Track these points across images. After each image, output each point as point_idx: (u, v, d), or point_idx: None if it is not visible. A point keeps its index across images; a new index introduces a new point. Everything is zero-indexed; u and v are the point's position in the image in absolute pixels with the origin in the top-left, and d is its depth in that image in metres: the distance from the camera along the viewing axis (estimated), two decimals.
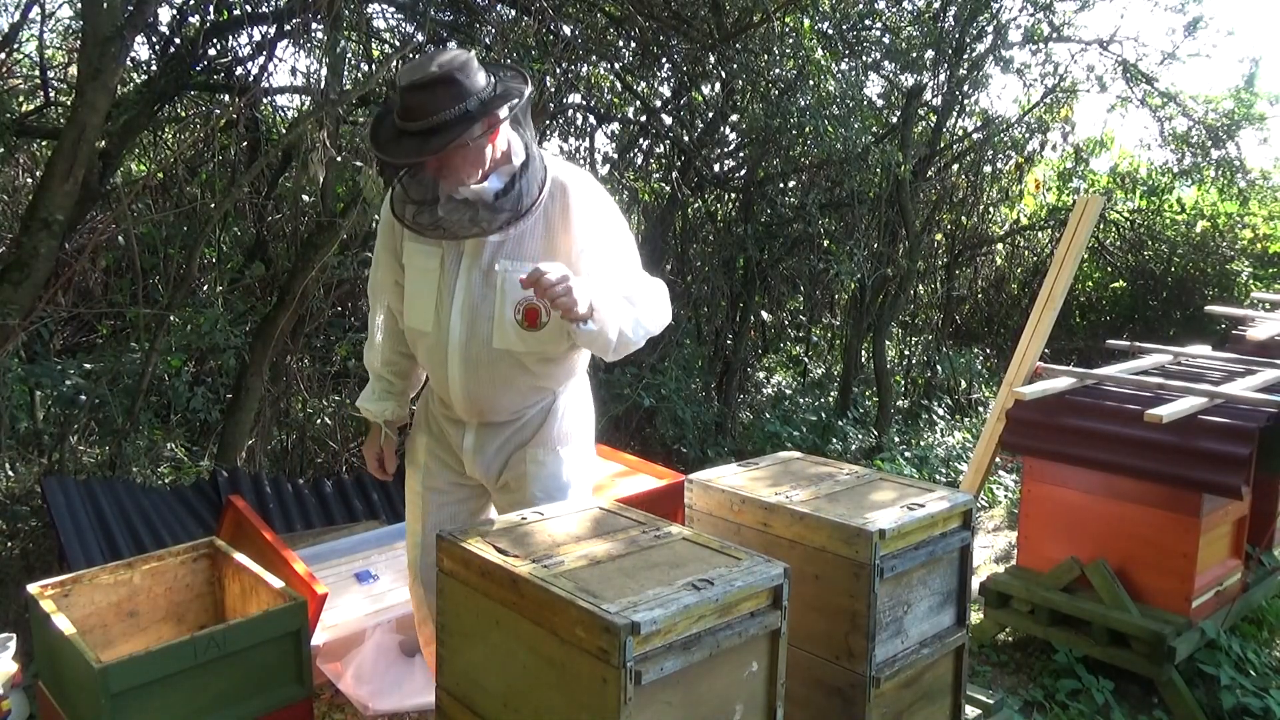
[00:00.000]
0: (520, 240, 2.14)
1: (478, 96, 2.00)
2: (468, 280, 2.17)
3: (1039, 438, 3.43)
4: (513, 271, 2.12)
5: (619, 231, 2.26)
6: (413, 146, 2.00)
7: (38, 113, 5.29)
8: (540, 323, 2.13)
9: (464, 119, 1.98)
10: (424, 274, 2.22)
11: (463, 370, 2.20)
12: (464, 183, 2.08)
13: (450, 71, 1.98)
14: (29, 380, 4.47)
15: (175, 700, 2.12)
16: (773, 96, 5.97)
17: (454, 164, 2.05)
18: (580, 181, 2.21)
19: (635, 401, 5.88)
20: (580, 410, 2.42)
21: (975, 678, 3.39)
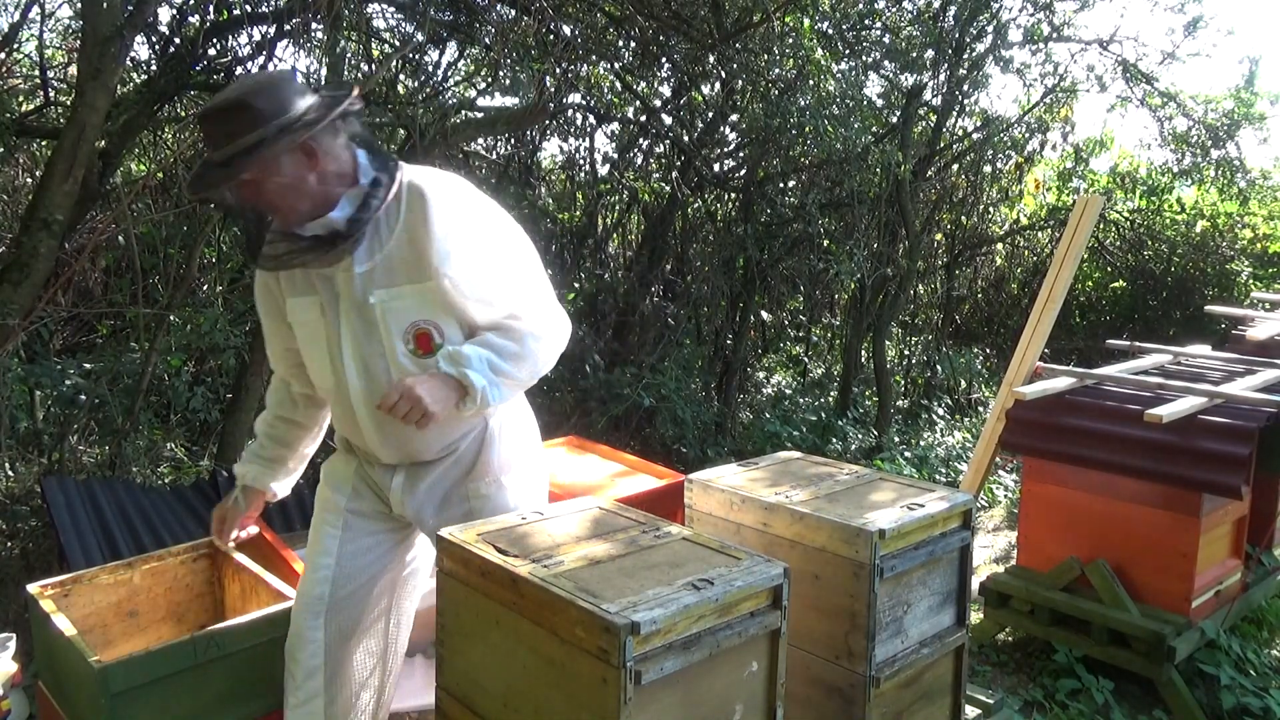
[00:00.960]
0: (389, 265, 1.97)
1: (277, 122, 1.82)
2: (349, 322, 2.01)
3: (1039, 437, 3.44)
4: (389, 300, 1.97)
5: (496, 241, 2.03)
6: (213, 177, 1.86)
7: (38, 113, 5.29)
8: (435, 345, 1.99)
9: (259, 145, 1.81)
10: (309, 328, 2.07)
11: (373, 418, 2.05)
12: (297, 215, 1.92)
13: (243, 97, 1.82)
14: (29, 380, 4.46)
15: (175, 700, 2.12)
16: (773, 96, 5.97)
17: (271, 196, 1.89)
18: (440, 187, 1.98)
19: (635, 401, 5.88)
20: (519, 431, 2.26)
21: (975, 678, 3.39)
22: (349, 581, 2.18)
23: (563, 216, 7.37)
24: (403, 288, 1.96)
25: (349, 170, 1.95)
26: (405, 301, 1.97)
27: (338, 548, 2.18)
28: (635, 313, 6.71)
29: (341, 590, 2.17)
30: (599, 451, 3.73)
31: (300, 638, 2.17)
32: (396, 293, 1.97)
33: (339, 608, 2.17)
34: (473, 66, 6.18)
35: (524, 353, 2.03)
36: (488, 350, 1.99)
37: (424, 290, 1.96)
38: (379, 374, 2.02)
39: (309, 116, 1.86)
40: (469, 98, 6.17)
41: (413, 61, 5.47)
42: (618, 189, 7.33)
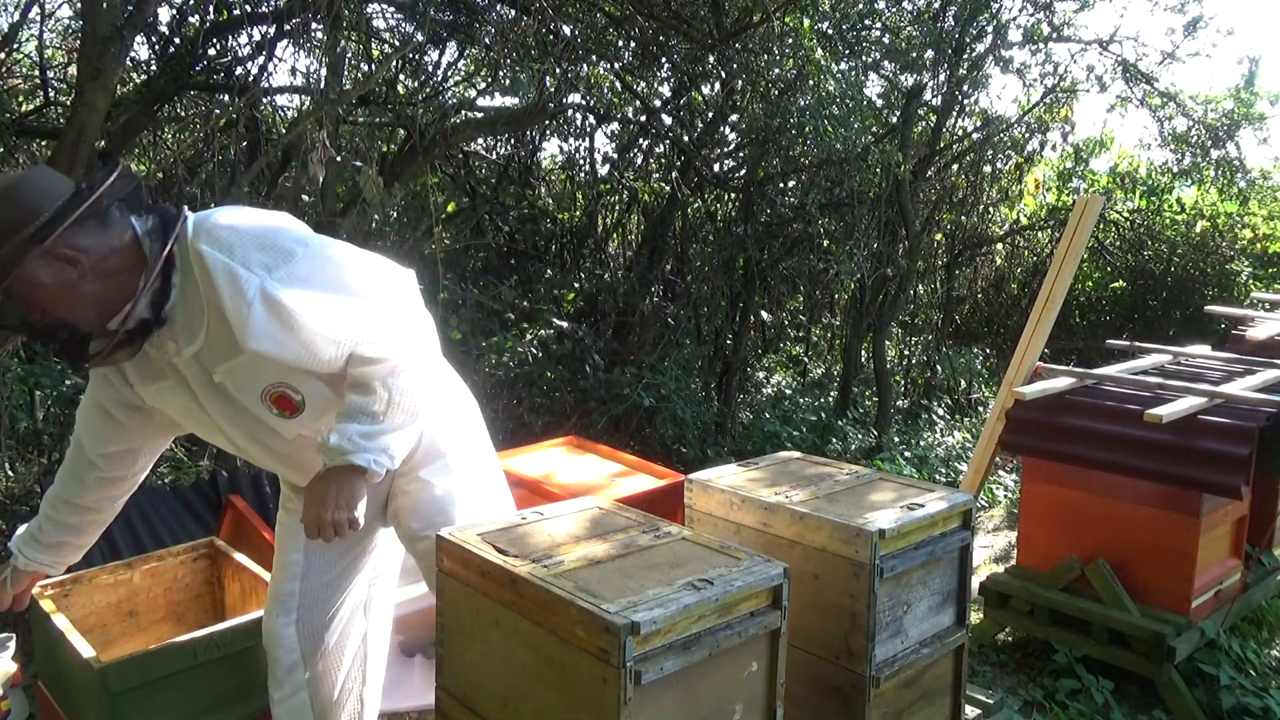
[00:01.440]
0: (212, 340, 1.80)
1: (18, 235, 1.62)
2: (210, 401, 1.91)
3: (1039, 437, 3.44)
4: (229, 374, 1.83)
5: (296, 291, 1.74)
6: None
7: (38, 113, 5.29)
8: (298, 404, 1.90)
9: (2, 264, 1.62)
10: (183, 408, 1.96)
11: (285, 466, 2.02)
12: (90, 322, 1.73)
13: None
14: (29, 380, 4.46)
15: (175, 700, 2.12)
16: (773, 96, 5.97)
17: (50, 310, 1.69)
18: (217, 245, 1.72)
19: (635, 401, 5.88)
20: (442, 422, 2.17)
21: (975, 677, 3.39)
22: (318, 576, 2.18)
23: (563, 216, 7.38)
24: (235, 360, 1.81)
25: (133, 253, 1.74)
26: (243, 373, 1.84)
27: (304, 543, 2.15)
28: (635, 313, 6.72)
29: (311, 585, 2.17)
30: (599, 451, 3.73)
31: (275, 635, 2.16)
32: (229, 367, 1.83)
33: (309, 603, 2.16)
34: (473, 66, 6.19)
35: (392, 398, 1.87)
36: (354, 423, 1.85)
37: (251, 361, 1.80)
38: (268, 440, 1.98)
39: (56, 220, 1.65)
40: (469, 98, 6.18)
41: (413, 61, 5.47)
42: (618, 189, 7.33)
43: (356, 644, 2.27)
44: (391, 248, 5.69)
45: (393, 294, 1.90)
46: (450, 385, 2.26)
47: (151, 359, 1.89)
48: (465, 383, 2.38)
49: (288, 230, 1.83)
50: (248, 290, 1.70)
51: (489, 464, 2.34)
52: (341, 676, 2.24)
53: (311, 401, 1.91)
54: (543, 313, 6.12)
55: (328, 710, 2.22)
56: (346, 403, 1.88)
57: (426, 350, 1.95)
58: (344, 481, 1.87)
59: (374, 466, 1.86)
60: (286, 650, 2.16)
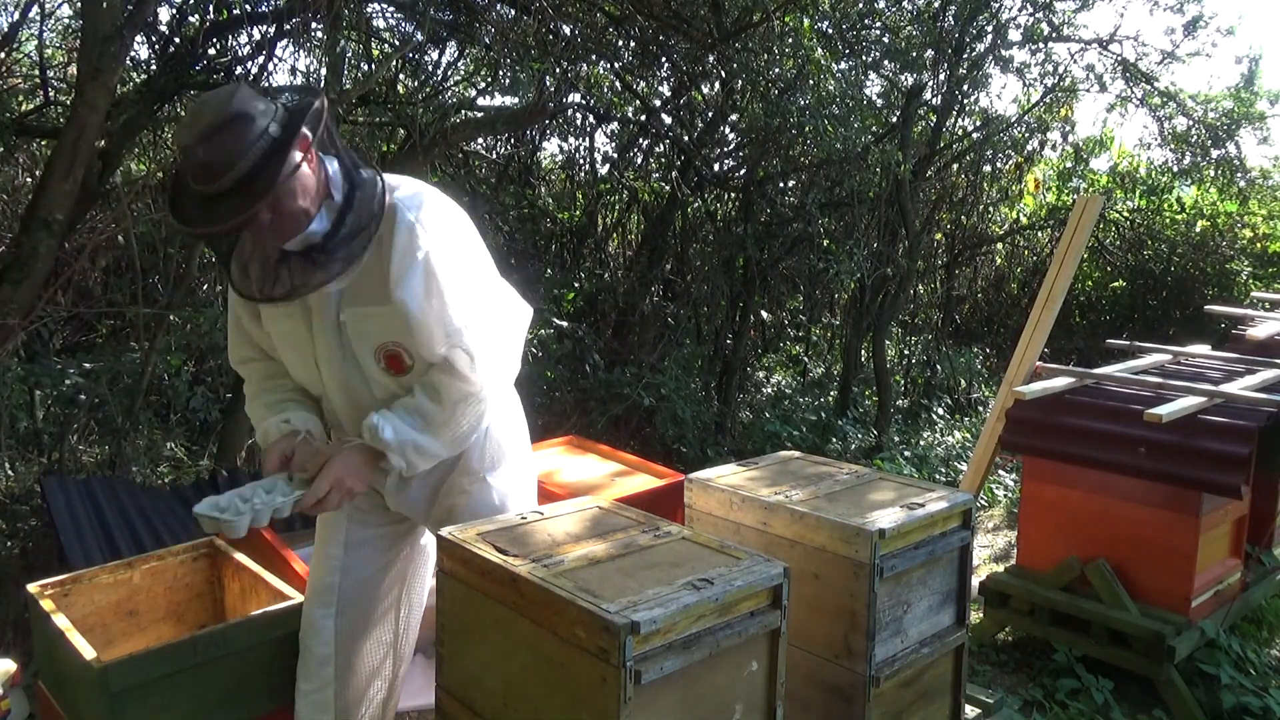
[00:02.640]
0: (358, 283, 1.90)
1: (275, 122, 1.74)
2: (323, 339, 1.97)
3: (1039, 437, 3.44)
4: (356, 320, 1.93)
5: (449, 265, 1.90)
6: (234, 205, 1.71)
7: (37, 112, 5.29)
8: (407, 367, 1.95)
9: (276, 150, 1.71)
10: (291, 338, 2.02)
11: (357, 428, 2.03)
12: (293, 233, 1.81)
13: (233, 110, 1.70)
14: (29, 380, 4.47)
15: (175, 700, 2.12)
16: (772, 96, 5.97)
17: (283, 215, 1.77)
18: (414, 209, 1.88)
19: (635, 401, 5.88)
20: (506, 428, 2.24)
21: (975, 677, 3.39)
22: (359, 570, 2.20)
23: (563, 216, 7.37)
24: (368, 308, 1.91)
25: (324, 177, 1.87)
26: (370, 323, 1.92)
27: (345, 537, 2.19)
28: (635, 312, 6.72)
29: (352, 579, 2.19)
30: (599, 451, 3.73)
31: (312, 627, 2.19)
32: (362, 313, 1.92)
33: (350, 597, 2.19)
34: (473, 66, 6.18)
35: (453, 423, 1.96)
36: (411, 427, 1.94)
37: (386, 314, 1.89)
38: (358, 389, 2.01)
39: (301, 110, 1.77)
40: (469, 97, 6.18)
41: (413, 61, 5.47)
42: (617, 189, 7.33)
43: (385, 645, 2.30)
44: None
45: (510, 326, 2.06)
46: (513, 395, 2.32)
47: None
48: None
49: (464, 221, 2.00)
50: (419, 246, 1.85)
51: (534, 474, 2.41)
52: (370, 674, 2.27)
53: (418, 371, 1.96)
54: (542, 312, 6.12)
55: (350, 710, 2.24)
56: (414, 400, 1.96)
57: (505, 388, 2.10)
58: (370, 464, 1.97)
59: (403, 471, 1.98)
60: (322, 643, 2.19)
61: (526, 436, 2.37)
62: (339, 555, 2.19)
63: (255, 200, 1.70)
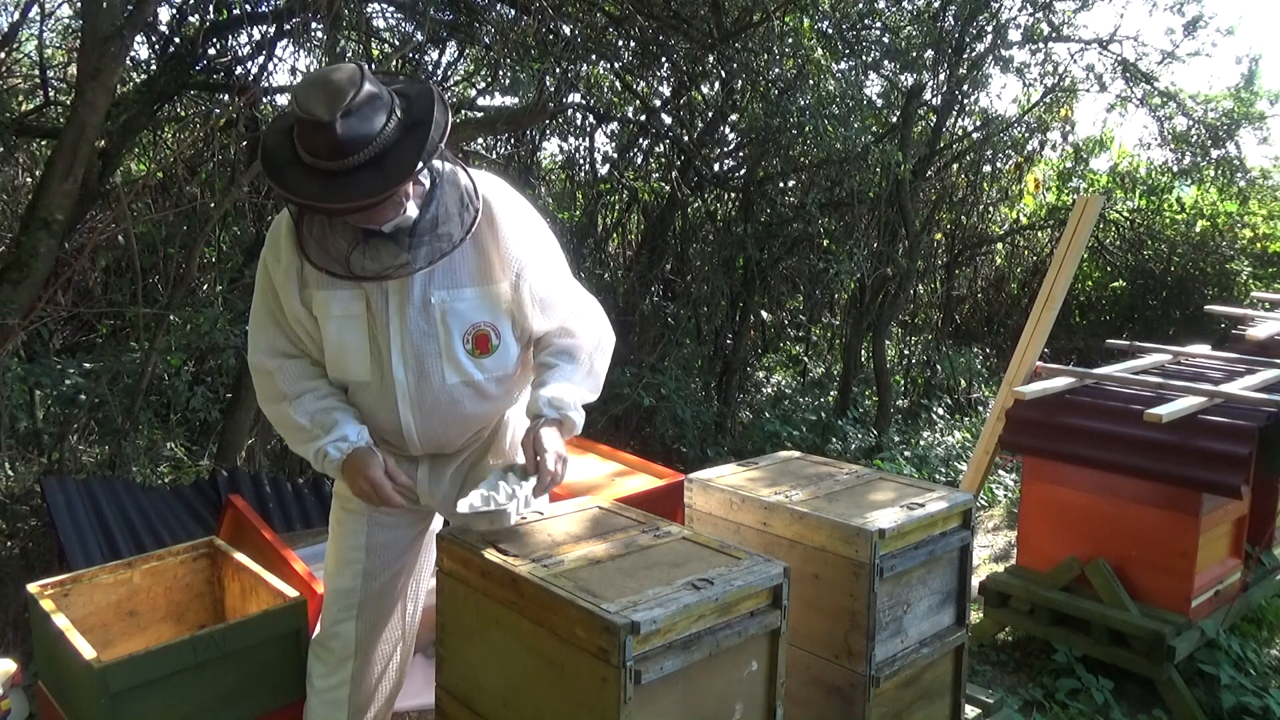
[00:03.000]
0: (451, 265, 1.96)
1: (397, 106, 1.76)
2: (403, 320, 1.97)
3: (1038, 437, 3.44)
4: (451, 300, 1.97)
5: (549, 245, 2.11)
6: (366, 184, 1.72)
7: (37, 112, 5.29)
8: (492, 346, 2.05)
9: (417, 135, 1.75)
10: (349, 322, 1.99)
11: (417, 414, 2.05)
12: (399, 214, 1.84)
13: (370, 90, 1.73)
14: (29, 380, 4.47)
15: (175, 700, 2.12)
16: (773, 96, 5.97)
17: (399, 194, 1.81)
18: (503, 194, 2.03)
19: (635, 401, 5.88)
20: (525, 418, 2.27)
21: (975, 677, 3.39)
22: (379, 575, 2.21)
23: (563, 216, 7.37)
24: (465, 289, 1.98)
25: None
26: (467, 303, 1.99)
27: (367, 542, 2.19)
28: (635, 312, 6.72)
29: (372, 584, 2.20)
30: (599, 451, 3.73)
31: (332, 631, 2.20)
32: (459, 294, 1.98)
33: (370, 602, 2.20)
34: (473, 66, 6.19)
35: (594, 370, 2.18)
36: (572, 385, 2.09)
37: (488, 293, 2.00)
38: (431, 371, 2.02)
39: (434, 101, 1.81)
40: (469, 97, 6.18)
41: (413, 61, 5.47)
42: (617, 189, 7.33)
43: (396, 642, 2.32)
44: None
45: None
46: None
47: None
48: None
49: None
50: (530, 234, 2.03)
51: None
52: (380, 675, 2.29)
53: (501, 353, 2.06)
54: None
55: (362, 709, 2.26)
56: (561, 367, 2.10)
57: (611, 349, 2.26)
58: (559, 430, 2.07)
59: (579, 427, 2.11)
60: (343, 644, 2.20)
61: None
62: (360, 559, 2.19)
63: (394, 183, 1.74)
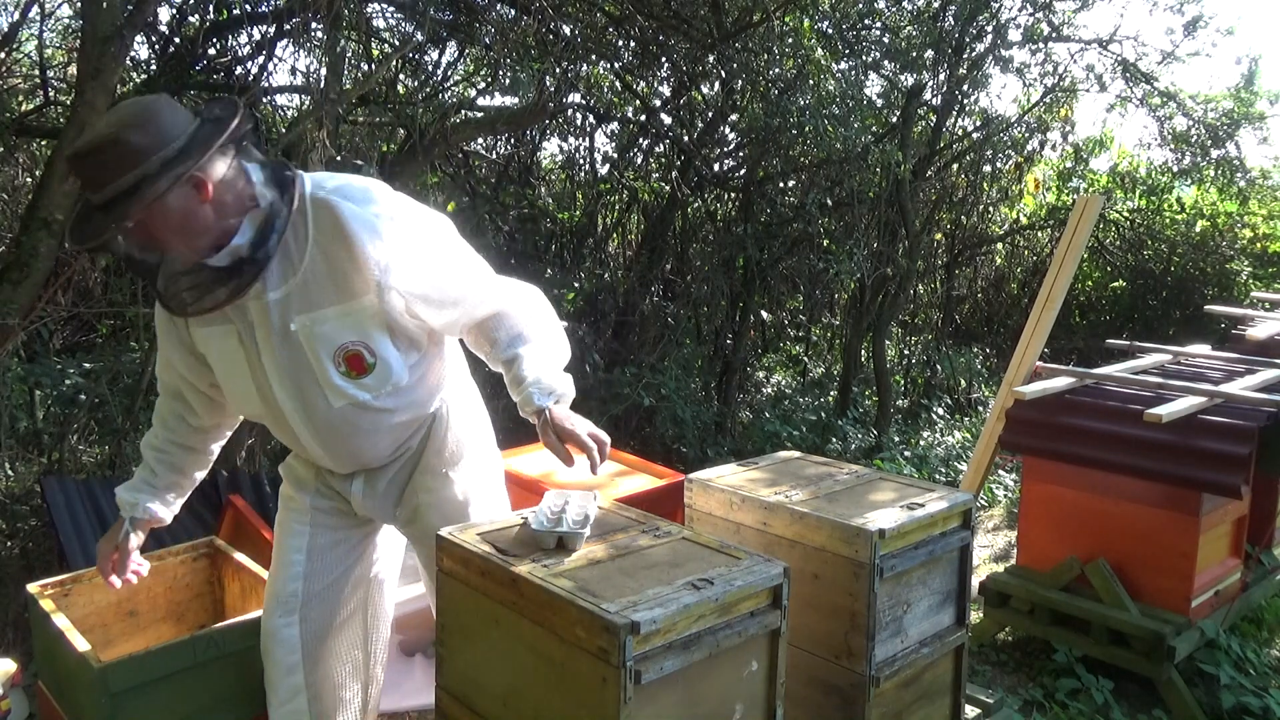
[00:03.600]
0: (306, 288, 1.85)
1: (158, 156, 1.68)
2: (271, 351, 1.90)
3: (1039, 437, 3.44)
4: (312, 325, 1.87)
5: (428, 240, 1.92)
6: (96, 225, 1.71)
7: (37, 112, 5.29)
8: (368, 365, 1.92)
9: (141, 185, 1.67)
10: (228, 357, 1.96)
11: (318, 439, 2.01)
12: (195, 253, 1.79)
13: (117, 133, 1.67)
14: (29, 380, 4.47)
15: (175, 700, 2.12)
16: (773, 96, 5.97)
17: (163, 237, 1.75)
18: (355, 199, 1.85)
19: (635, 401, 5.88)
20: (466, 421, 2.21)
21: (975, 677, 3.39)
22: (322, 577, 2.16)
23: (563, 216, 7.37)
24: (325, 310, 1.86)
25: (245, 194, 1.81)
26: (329, 325, 1.87)
27: (308, 544, 2.15)
28: (635, 312, 6.72)
29: (315, 585, 2.15)
30: None
31: (274, 636, 2.14)
32: (319, 316, 1.86)
33: (313, 603, 2.15)
34: (473, 66, 6.19)
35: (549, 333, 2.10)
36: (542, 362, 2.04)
37: (350, 310, 1.86)
38: (314, 399, 1.95)
39: (192, 146, 1.72)
40: (469, 97, 6.18)
41: (413, 61, 5.47)
42: (617, 189, 7.33)
43: (355, 648, 2.26)
44: None
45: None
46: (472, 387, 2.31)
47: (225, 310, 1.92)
48: None
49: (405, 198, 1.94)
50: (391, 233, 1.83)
51: (499, 468, 2.37)
52: (343, 681, 2.23)
53: (380, 369, 1.94)
54: None
55: (325, 715, 2.20)
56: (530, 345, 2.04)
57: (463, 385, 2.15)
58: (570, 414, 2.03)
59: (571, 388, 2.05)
60: (287, 650, 2.13)
61: (489, 430, 2.33)
62: (301, 561, 2.16)
63: (112, 226, 1.69)
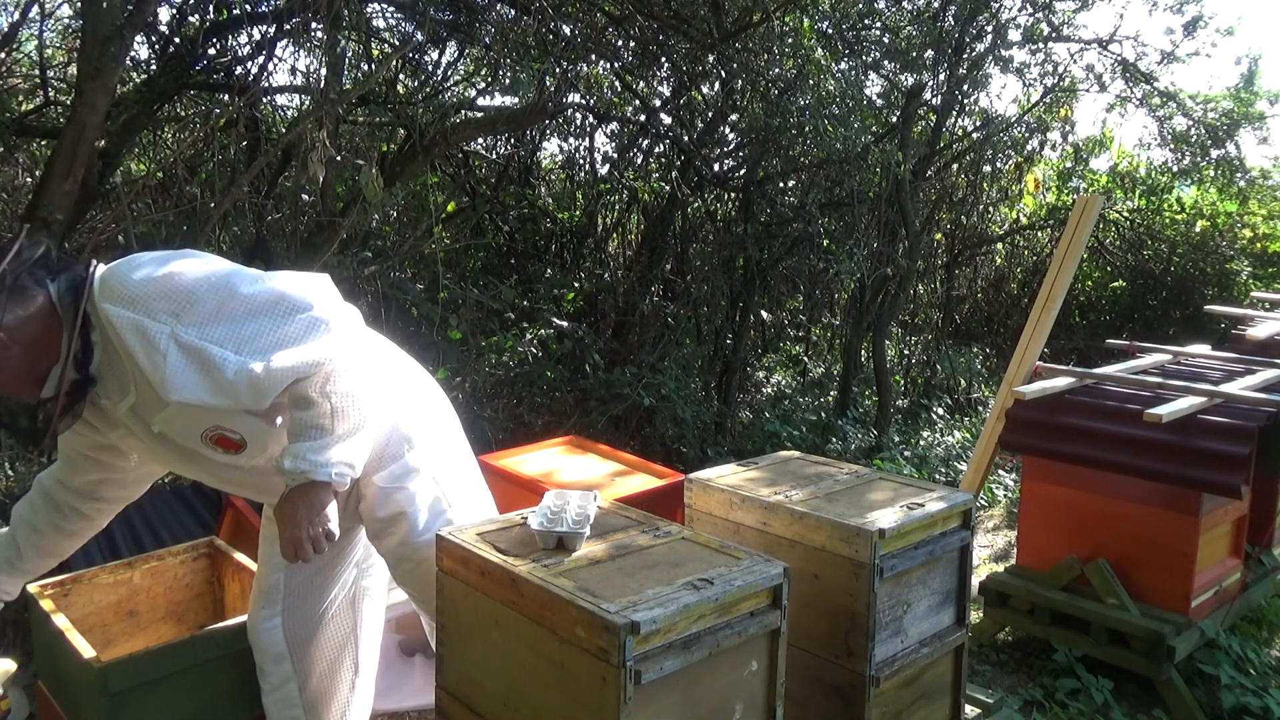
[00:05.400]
0: (143, 393, 1.80)
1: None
2: (161, 450, 1.93)
3: (1038, 437, 3.44)
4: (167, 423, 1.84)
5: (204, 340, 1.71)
6: None
7: (37, 112, 5.28)
8: (238, 441, 1.89)
9: None
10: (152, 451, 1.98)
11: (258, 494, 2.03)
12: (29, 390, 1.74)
13: None
14: None
15: (175, 700, 2.12)
16: (772, 96, 5.97)
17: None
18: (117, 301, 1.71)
19: (635, 401, 5.88)
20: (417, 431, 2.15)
21: (975, 677, 3.39)
22: (304, 568, 2.18)
23: (563, 216, 7.37)
24: (166, 411, 1.81)
25: (51, 318, 1.72)
26: (178, 422, 1.84)
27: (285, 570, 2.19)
28: (635, 312, 6.71)
29: (297, 579, 2.19)
30: (598, 451, 3.73)
31: (258, 626, 2.18)
32: (165, 417, 1.82)
33: (297, 595, 2.19)
34: (473, 66, 6.18)
35: (335, 406, 1.82)
36: (303, 441, 1.82)
37: (178, 411, 1.80)
38: (222, 471, 1.99)
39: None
40: (469, 97, 6.18)
41: (413, 61, 5.47)
42: (617, 189, 7.32)
43: (345, 636, 2.29)
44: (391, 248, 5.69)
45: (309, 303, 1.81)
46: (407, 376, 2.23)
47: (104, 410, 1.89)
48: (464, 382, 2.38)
49: (188, 271, 1.78)
50: (159, 342, 1.69)
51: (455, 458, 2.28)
52: (330, 669, 2.26)
53: (252, 438, 1.89)
54: (543, 312, 6.12)
55: (317, 702, 2.24)
56: (293, 420, 1.85)
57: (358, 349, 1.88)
58: (310, 499, 1.84)
59: (336, 479, 1.84)
60: (271, 641, 2.18)
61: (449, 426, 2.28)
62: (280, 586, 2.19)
63: None
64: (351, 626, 2.30)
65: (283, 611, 2.18)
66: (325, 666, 2.25)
